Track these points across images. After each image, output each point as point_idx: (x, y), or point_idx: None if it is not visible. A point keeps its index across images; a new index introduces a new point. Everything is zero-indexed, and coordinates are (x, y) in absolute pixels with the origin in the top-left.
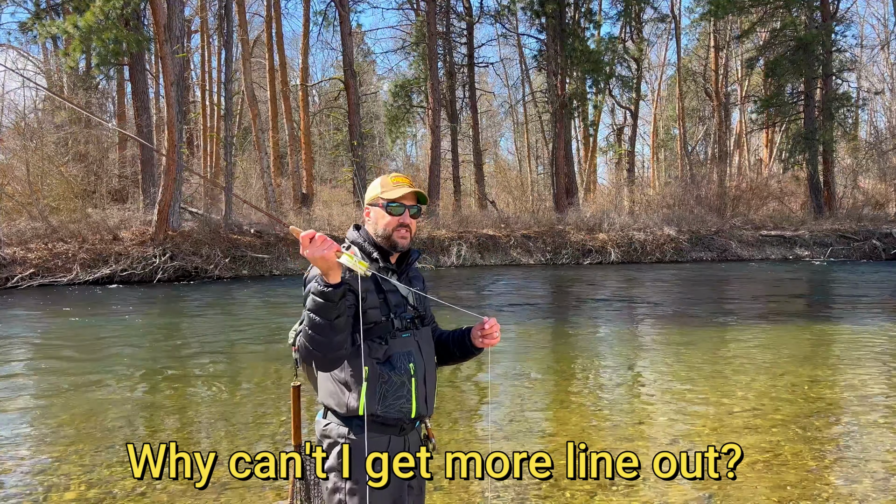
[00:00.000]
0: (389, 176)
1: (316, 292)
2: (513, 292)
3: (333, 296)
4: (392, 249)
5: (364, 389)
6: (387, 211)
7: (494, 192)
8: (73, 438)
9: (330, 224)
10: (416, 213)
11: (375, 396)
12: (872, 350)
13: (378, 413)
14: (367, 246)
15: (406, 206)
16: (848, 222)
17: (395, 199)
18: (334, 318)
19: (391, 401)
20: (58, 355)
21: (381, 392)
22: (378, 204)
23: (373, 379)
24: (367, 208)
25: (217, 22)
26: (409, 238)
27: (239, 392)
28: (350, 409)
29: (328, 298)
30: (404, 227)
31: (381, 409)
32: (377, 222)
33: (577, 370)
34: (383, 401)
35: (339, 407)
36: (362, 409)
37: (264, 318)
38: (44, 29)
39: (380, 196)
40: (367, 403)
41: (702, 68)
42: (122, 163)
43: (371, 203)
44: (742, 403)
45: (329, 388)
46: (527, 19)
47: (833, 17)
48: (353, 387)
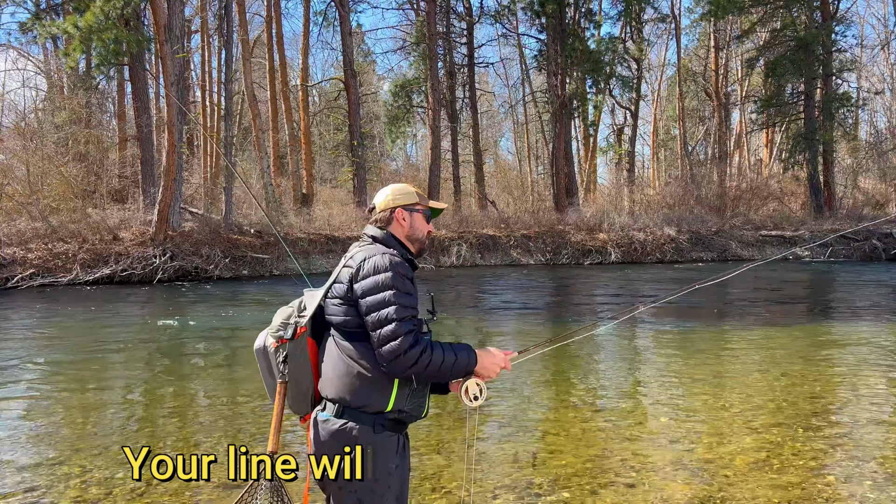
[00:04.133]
0: (410, 186)
1: (464, 365)
2: (513, 292)
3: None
4: (419, 253)
5: (396, 387)
6: (426, 218)
7: (494, 192)
8: (73, 438)
9: (330, 224)
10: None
11: (405, 395)
12: (872, 350)
13: (404, 410)
14: (403, 251)
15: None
16: (848, 222)
17: (431, 206)
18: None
19: (416, 399)
20: (58, 355)
21: (411, 390)
22: (418, 209)
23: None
24: (401, 211)
25: (217, 22)
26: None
27: (239, 393)
28: (378, 406)
29: (458, 375)
30: (431, 233)
31: (408, 406)
32: (415, 226)
33: (577, 370)
34: (411, 399)
35: (366, 403)
36: (391, 405)
37: (265, 318)
38: (44, 29)
39: (415, 202)
40: (396, 401)
41: (702, 68)
42: (122, 163)
43: (409, 207)
44: (742, 403)
45: (354, 384)
46: (527, 19)
47: (833, 17)
48: (386, 382)
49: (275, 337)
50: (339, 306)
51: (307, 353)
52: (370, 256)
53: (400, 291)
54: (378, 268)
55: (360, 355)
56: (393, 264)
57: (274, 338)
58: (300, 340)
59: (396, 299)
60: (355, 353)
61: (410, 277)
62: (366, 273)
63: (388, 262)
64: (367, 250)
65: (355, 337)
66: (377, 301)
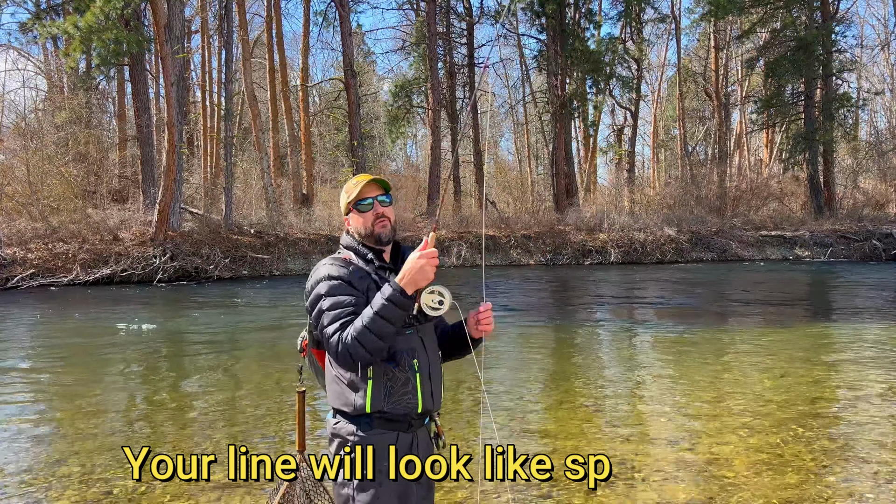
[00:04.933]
0: (351, 180)
1: (395, 300)
2: (513, 292)
3: (410, 306)
4: (378, 244)
5: (370, 387)
6: (358, 212)
7: (495, 192)
8: (73, 439)
9: (330, 224)
10: (385, 201)
11: (382, 394)
12: (872, 350)
13: (385, 409)
14: (361, 249)
15: (372, 198)
16: (848, 222)
17: (360, 198)
18: (400, 326)
19: (397, 397)
20: (57, 355)
21: (387, 389)
22: (350, 210)
23: (378, 376)
24: (346, 219)
25: (217, 22)
26: (388, 226)
27: (239, 393)
28: (357, 407)
29: (405, 308)
30: (380, 218)
31: (388, 405)
32: (356, 226)
33: (577, 370)
34: (389, 397)
35: (347, 406)
36: (369, 406)
37: (264, 318)
38: (44, 29)
39: (347, 203)
40: (372, 401)
41: (702, 68)
42: (122, 163)
43: (345, 212)
44: (742, 404)
45: (335, 389)
46: (527, 19)
47: (833, 18)
48: (360, 385)
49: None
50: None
51: (317, 363)
52: (312, 272)
53: (330, 296)
54: (313, 279)
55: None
56: (323, 272)
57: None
58: (308, 353)
59: (324, 302)
60: (329, 360)
61: (342, 276)
62: (307, 290)
63: (321, 274)
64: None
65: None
66: (316, 312)
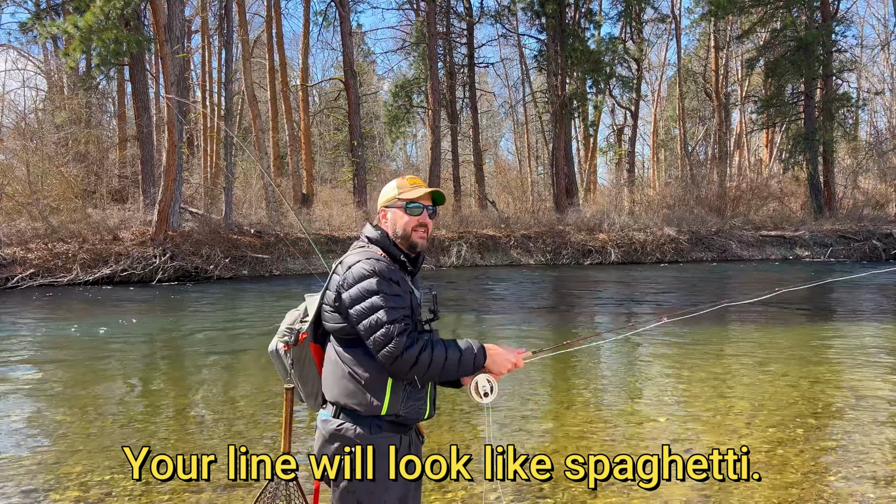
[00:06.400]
0: (405, 178)
1: (474, 362)
2: (513, 292)
3: (472, 373)
4: (410, 250)
5: (389, 390)
6: (406, 211)
7: (494, 192)
8: (73, 439)
9: (330, 224)
10: (433, 213)
11: (400, 398)
12: (872, 350)
13: (400, 413)
14: (392, 249)
15: (424, 205)
16: (848, 222)
17: (414, 200)
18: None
19: (413, 402)
20: (57, 355)
21: (406, 394)
22: (396, 205)
23: (398, 380)
24: (384, 210)
25: (217, 22)
26: (426, 238)
27: (239, 393)
28: (372, 408)
29: (469, 372)
30: (423, 226)
31: (404, 410)
32: (395, 223)
33: (577, 370)
34: (406, 402)
35: (360, 406)
36: (385, 408)
37: (265, 319)
38: (44, 29)
39: (398, 197)
40: (390, 404)
41: (702, 68)
42: (122, 163)
43: (387, 205)
44: (742, 403)
45: (347, 386)
46: (527, 19)
47: (833, 18)
48: (379, 387)
49: (282, 342)
50: (332, 313)
51: (312, 357)
52: (354, 264)
53: (387, 294)
54: (362, 275)
55: (353, 360)
56: (376, 270)
57: (282, 342)
58: (303, 346)
59: (384, 303)
60: (349, 358)
61: (396, 280)
62: (351, 282)
63: (371, 267)
64: (355, 256)
65: (349, 343)
66: (366, 308)
